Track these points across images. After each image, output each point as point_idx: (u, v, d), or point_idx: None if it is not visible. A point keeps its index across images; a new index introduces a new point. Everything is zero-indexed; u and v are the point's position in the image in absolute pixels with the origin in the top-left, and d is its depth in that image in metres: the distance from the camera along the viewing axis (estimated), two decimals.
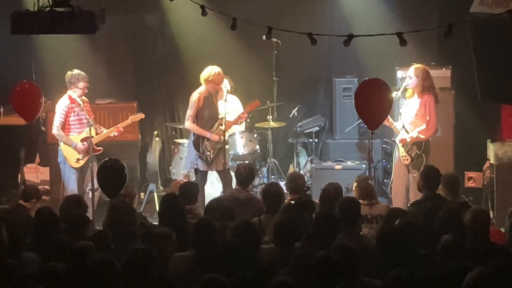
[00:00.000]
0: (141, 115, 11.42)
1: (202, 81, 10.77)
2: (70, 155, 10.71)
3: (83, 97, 10.75)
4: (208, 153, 10.73)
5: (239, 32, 9.32)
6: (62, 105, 10.69)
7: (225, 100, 10.75)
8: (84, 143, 10.61)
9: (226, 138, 10.81)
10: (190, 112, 10.77)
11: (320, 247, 6.61)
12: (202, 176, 10.82)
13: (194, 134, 10.85)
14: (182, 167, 11.79)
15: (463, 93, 11.72)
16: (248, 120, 11.93)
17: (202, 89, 10.78)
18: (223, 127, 10.60)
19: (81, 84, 10.63)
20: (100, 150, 10.81)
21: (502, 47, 10.17)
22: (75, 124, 10.75)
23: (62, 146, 10.75)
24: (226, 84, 11.18)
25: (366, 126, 9.96)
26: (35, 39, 12.13)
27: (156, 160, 12.60)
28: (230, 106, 11.28)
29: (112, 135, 10.95)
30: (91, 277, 6.07)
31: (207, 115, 10.78)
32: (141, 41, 13.29)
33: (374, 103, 9.46)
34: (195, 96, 10.79)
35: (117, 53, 13.13)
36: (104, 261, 6.14)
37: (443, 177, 8.69)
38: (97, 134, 10.82)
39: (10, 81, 11.62)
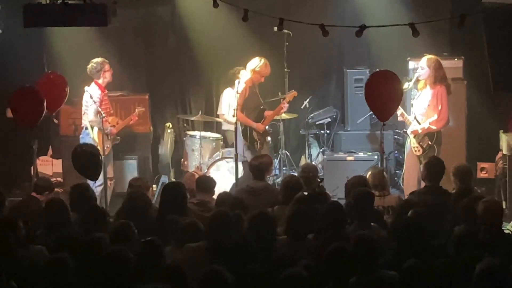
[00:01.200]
0: (142, 109, 11.49)
1: (249, 71, 10.89)
2: (101, 143, 10.76)
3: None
4: (255, 143, 10.85)
5: (250, 24, 9.33)
6: (96, 94, 10.77)
7: (237, 91, 10.81)
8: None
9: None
10: (229, 103, 10.91)
11: (332, 239, 6.64)
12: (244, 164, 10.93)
13: (241, 124, 10.93)
14: (194, 160, 11.84)
15: (475, 84, 11.70)
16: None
17: (246, 79, 10.86)
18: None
19: (107, 67, 10.78)
20: (118, 139, 10.94)
21: None
22: (105, 111, 10.82)
23: (95, 134, 10.79)
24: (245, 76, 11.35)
25: (377, 118, 9.95)
26: (47, 31, 12.16)
27: (168, 152, 12.65)
28: None
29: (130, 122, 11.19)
30: (105, 269, 6.10)
31: (252, 105, 10.87)
32: (153, 33, 13.32)
33: (384, 95, 9.46)
34: (241, 86, 10.86)
35: (129, 46, 13.16)
36: (119, 253, 6.17)
37: (455, 168, 8.69)
38: (117, 124, 10.93)
39: (23, 73, 11.69)
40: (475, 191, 8.78)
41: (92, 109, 10.76)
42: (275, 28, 9.29)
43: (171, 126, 12.85)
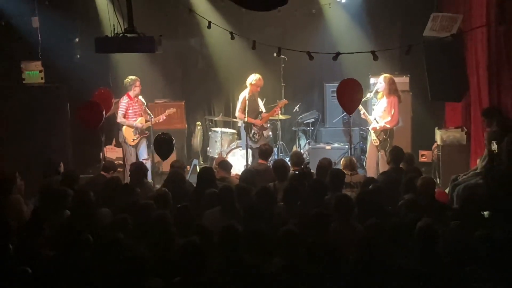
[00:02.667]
0: (174, 110, 11.43)
1: (248, 84, 10.81)
2: (129, 136, 10.80)
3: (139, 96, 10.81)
4: (255, 134, 10.79)
5: (257, 51, 9.32)
6: (123, 102, 10.79)
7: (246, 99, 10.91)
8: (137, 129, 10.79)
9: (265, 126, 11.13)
10: (239, 106, 10.86)
11: (314, 205, 6.65)
12: (254, 151, 10.90)
13: (244, 122, 10.89)
14: (216, 148, 11.83)
15: (418, 94, 11.67)
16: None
17: (247, 91, 10.81)
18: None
19: (137, 83, 10.73)
20: (147, 133, 10.86)
21: (446, 61, 10.17)
22: (131, 114, 10.84)
23: (124, 129, 10.81)
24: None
25: (346, 113, 9.92)
26: (112, 56, 12.16)
27: (198, 143, 12.64)
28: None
29: (161, 119, 10.98)
30: (153, 228, 6.11)
31: (251, 109, 10.83)
32: (187, 57, 13.28)
33: (349, 95, 9.47)
34: (241, 96, 10.88)
35: (170, 66, 13.13)
36: (162, 216, 6.18)
37: (404, 155, 8.69)
38: (146, 121, 10.85)
39: (94, 86, 11.70)
40: (418, 171, 8.76)
41: (119, 113, 10.79)
42: (275, 54, 9.29)
43: (200, 124, 12.83)
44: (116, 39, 8.22)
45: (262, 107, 11.32)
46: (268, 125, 11.79)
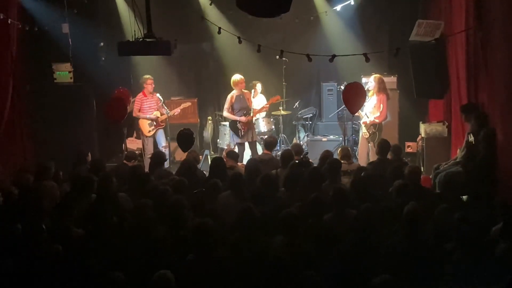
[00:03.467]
0: (189, 103, 11.41)
1: (232, 85, 10.71)
2: (145, 128, 10.79)
3: (154, 92, 10.76)
4: (239, 131, 10.73)
5: (262, 54, 9.28)
6: (138, 98, 10.80)
7: (253, 97, 10.89)
8: (153, 122, 10.75)
9: (253, 121, 10.87)
10: (226, 105, 10.75)
11: (312, 191, 6.66)
12: (239, 146, 10.81)
13: (229, 119, 10.82)
14: (225, 140, 11.84)
15: (404, 92, 11.62)
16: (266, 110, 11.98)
17: (234, 91, 10.73)
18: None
19: (148, 81, 10.70)
20: (163, 125, 10.83)
21: (429, 62, 10.14)
22: (146, 109, 10.81)
23: (140, 122, 10.80)
24: (259, 87, 11.46)
25: (349, 111, 9.85)
26: (133, 58, 12.17)
27: (209, 135, 12.64)
28: (261, 102, 11.42)
29: (175, 113, 10.97)
30: (170, 211, 6.13)
31: (238, 107, 10.68)
32: (199, 59, 13.25)
33: (354, 97, 9.44)
34: (229, 96, 10.74)
35: (184, 67, 13.10)
36: (178, 201, 6.19)
37: (391, 146, 8.69)
38: (161, 115, 10.83)
39: (117, 84, 11.73)
40: (404, 161, 8.77)
41: (134, 109, 10.77)
42: (277, 56, 9.26)
43: (211, 118, 12.83)
44: (136, 43, 8.22)
45: (256, 104, 11.27)
46: (272, 119, 11.79)
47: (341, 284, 4.87)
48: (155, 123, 10.78)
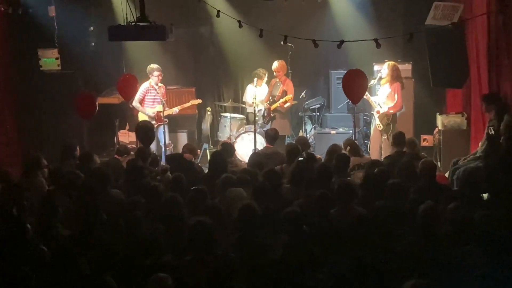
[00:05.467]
0: (199, 101, 11.47)
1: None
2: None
3: (161, 84, 10.79)
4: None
5: (265, 39, 9.29)
6: (143, 87, 10.74)
7: (255, 86, 11.04)
8: (155, 116, 10.70)
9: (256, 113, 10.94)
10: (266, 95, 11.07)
11: (319, 188, 6.65)
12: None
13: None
14: (225, 133, 11.84)
15: (420, 81, 11.60)
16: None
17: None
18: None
19: (155, 73, 10.68)
20: (166, 121, 10.85)
21: (447, 48, 10.10)
22: (149, 101, 10.78)
23: (139, 115, 10.81)
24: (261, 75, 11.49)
25: (351, 102, 9.89)
26: (125, 44, 12.15)
27: (208, 128, 12.62)
28: (264, 92, 11.48)
29: (174, 112, 10.99)
30: (163, 209, 6.13)
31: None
32: (197, 45, 13.23)
33: (354, 86, 9.42)
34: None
35: (181, 54, 13.07)
36: (173, 199, 6.19)
37: (406, 140, 8.69)
38: (164, 110, 10.85)
39: (108, 73, 11.71)
40: (420, 154, 8.76)
41: (136, 97, 10.71)
42: (282, 42, 9.24)
43: (210, 109, 12.81)
44: (128, 27, 8.21)
45: (260, 94, 11.30)
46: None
47: None
48: (156, 118, 10.74)
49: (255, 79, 11.42)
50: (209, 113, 12.75)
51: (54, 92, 10.80)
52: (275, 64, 11.15)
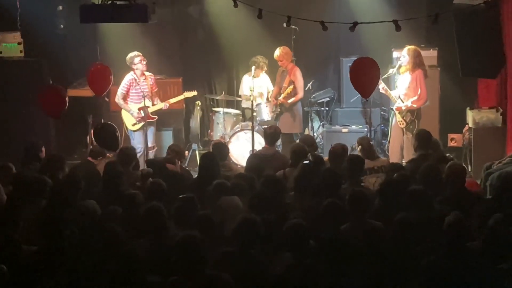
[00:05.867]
0: (194, 92, 11.49)
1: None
2: (128, 120, 10.82)
3: (149, 73, 10.81)
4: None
5: (264, 21, 9.29)
6: (126, 79, 10.77)
7: (253, 77, 11.15)
8: (141, 111, 10.69)
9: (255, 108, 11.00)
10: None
11: (327, 195, 6.65)
12: None
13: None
14: (218, 131, 11.85)
15: (447, 70, 11.63)
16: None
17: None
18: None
19: (136, 60, 10.70)
20: (155, 118, 10.87)
21: (479, 32, 10.08)
22: (134, 96, 10.80)
23: (122, 112, 10.84)
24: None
25: (361, 95, 9.85)
26: (100, 27, 12.15)
27: (197, 125, 12.63)
28: (263, 84, 11.60)
29: (164, 107, 11.01)
30: (145, 222, 6.12)
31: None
32: (185, 28, 13.26)
33: (364, 77, 9.41)
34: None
35: (165, 38, 13.09)
36: (155, 209, 6.19)
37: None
38: (152, 105, 10.87)
39: (79, 61, 11.70)
40: (446, 156, 8.74)
41: (118, 92, 10.80)
42: (284, 24, 9.25)
43: (200, 103, 12.81)
44: (104, 7, 8.22)
45: (258, 86, 11.37)
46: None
47: None
48: (142, 115, 10.73)
49: (253, 68, 11.43)
50: (198, 108, 12.75)
51: (15, 83, 10.79)
52: (277, 52, 11.15)
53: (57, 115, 9.74)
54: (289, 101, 11.21)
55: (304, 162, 8.08)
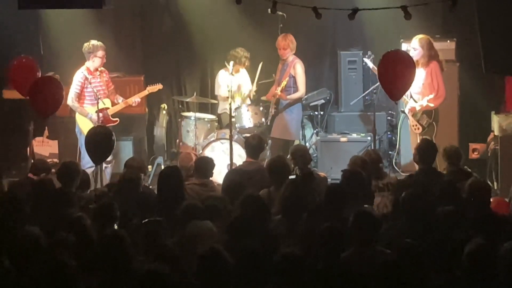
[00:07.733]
0: (159, 86, 11.51)
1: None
2: (85, 126, 10.75)
3: (102, 68, 10.86)
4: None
5: (244, 6, 9.35)
6: (78, 76, 10.76)
7: (231, 73, 11.18)
8: (100, 114, 10.69)
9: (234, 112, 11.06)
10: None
11: (327, 218, 6.69)
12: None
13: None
14: (189, 141, 11.86)
15: (467, 65, 11.71)
16: (254, 93, 12.04)
17: None
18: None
19: (100, 53, 10.74)
20: (116, 121, 10.90)
21: (507, 20, 10.19)
22: (90, 95, 10.80)
23: (77, 117, 10.83)
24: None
25: (390, 97, 9.90)
26: (43, 14, 12.15)
27: (163, 133, 12.66)
28: (244, 81, 11.74)
29: (133, 103, 11.12)
30: (102, 252, 6.15)
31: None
32: (148, 15, 13.29)
33: (397, 75, 9.45)
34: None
35: (124, 27, 13.13)
36: (115, 236, 6.22)
37: (444, 150, 8.74)
38: (113, 105, 10.89)
39: (18, 54, 11.67)
40: (466, 172, 8.81)
41: (71, 93, 10.80)
42: (269, 10, 9.31)
43: (166, 107, 12.84)
44: None
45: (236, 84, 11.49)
46: (261, 108, 11.75)
47: None
48: (102, 118, 10.74)
49: (231, 62, 11.40)
50: (164, 112, 12.77)
51: None
52: (281, 39, 11.23)
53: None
54: (288, 96, 11.26)
55: (290, 177, 8.14)
